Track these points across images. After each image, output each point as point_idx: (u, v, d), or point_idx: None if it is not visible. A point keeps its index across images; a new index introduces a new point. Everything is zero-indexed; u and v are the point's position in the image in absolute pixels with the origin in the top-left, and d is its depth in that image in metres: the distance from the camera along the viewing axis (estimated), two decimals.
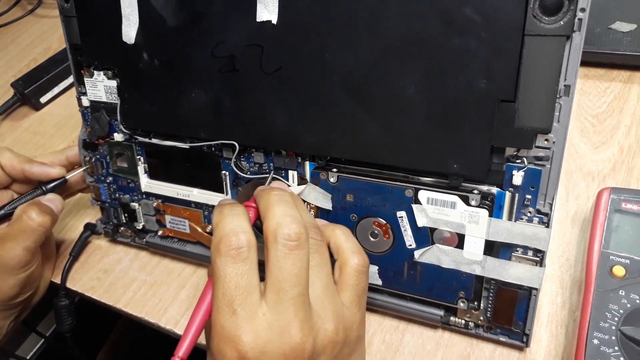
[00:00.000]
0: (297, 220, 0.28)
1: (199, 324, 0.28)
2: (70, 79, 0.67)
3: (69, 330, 0.46)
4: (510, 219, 0.30)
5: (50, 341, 0.79)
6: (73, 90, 0.67)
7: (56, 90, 0.66)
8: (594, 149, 0.44)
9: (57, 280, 0.45)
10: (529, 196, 0.30)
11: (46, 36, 0.80)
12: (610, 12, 0.51)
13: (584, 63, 0.50)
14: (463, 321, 0.35)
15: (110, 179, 0.43)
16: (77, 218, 0.51)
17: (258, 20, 0.31)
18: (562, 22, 0.26)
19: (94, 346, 0.75)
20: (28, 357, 0.81)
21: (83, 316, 0.51)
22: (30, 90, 0.64)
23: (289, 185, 0.36)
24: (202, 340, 0.30)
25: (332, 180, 0.34)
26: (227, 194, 0.39)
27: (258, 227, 0.31)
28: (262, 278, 0.28)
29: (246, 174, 0.37)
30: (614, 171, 0.42)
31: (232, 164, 0.37)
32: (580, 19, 0.26)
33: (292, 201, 0.30)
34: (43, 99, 0.65)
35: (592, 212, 0.35)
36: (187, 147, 0.38)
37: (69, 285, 0.45)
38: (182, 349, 0.27)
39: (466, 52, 0.27)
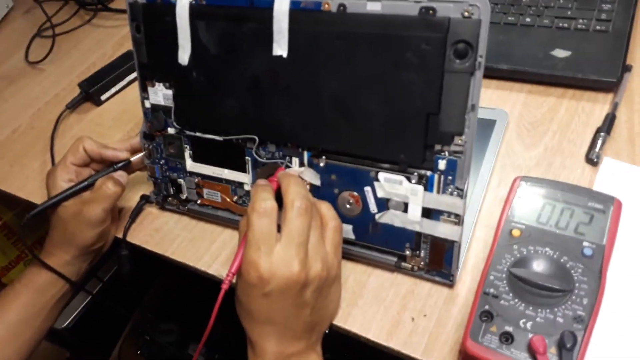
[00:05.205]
0: (306, 197, 0.43)
1: (241, 255, 0.43)
2: (125, 81, 0.83)
3: (128, 273, 0.62)
4: (438, 192, 0.45)
5: (96, 298, 0.95)
6: (127, 90, 0.83)
7: (113, 90, 0.82)
8: (525, 149, 0.58)
9: (120, 235, 0.61)
10: (450, 177, 0.44)
11: (102, 43, 0.95)
12: (553, 41, 0.64)
13: (529, 81, 0.64)
14: (410, 265, 0.49)
15: (163, 161, 0.59)
16: (133, 191, 0.66)
17: (274, 54, 0.46)
18: (467, 64, 0.40)
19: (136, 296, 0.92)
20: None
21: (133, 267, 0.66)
22: (94, 90, 0.80)
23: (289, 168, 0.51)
24: None
25: (321, 164, 0.49)
26: (249, 173, 0.54)
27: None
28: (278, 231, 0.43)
29: (263, 159, 0.52)
30: (537, 166, 0.56)
31: (253, 152, 0.52)
32: (479, 62, 0.40)
33: (303, 184, 0.45)
34: (103, 97, 0.81)
35: (508, 193, 0.49)
36: (221, 139, 0.53)
37: (128, 239, 0.60)
38: (234, 267, 0.43)
39: (408, 82, 0.42)
